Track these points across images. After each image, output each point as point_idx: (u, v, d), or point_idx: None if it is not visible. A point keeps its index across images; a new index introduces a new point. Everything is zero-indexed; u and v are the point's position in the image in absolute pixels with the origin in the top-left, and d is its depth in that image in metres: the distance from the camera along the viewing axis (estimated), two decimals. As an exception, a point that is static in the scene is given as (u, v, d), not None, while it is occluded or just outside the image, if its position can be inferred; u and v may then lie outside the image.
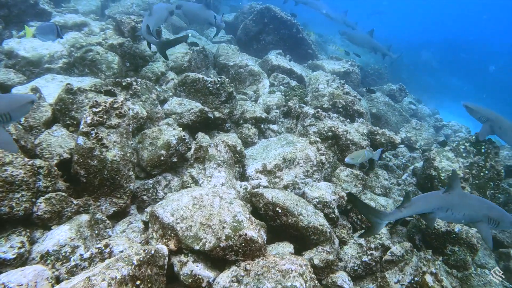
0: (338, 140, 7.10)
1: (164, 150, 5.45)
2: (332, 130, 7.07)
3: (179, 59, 8.60)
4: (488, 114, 7.36)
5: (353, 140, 7.20)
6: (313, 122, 7.39)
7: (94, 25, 9.18)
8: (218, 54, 10.39)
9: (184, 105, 7.20)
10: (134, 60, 8.19)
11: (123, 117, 5.28)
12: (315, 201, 5.59)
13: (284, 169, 6.01)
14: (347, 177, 6.42)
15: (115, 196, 4.87)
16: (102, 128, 4.98)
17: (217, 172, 5.25)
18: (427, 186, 7.59)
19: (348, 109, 8.26)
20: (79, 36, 7.87)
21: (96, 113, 4.95)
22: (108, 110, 5.15)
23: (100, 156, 4.72)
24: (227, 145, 5.66)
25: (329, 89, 8.67)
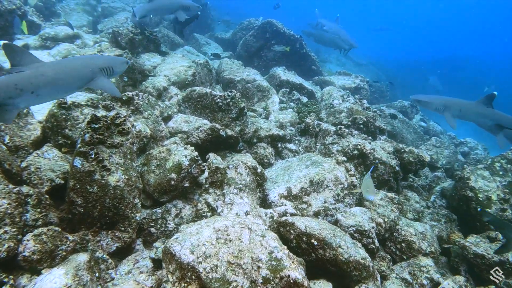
0: (365, 159, 6.53)
1: (174, 173, 4.79)
2: (358, 148, 6.51)
3: (182, 73, 8.06)
4: (443, 102, 7.29)
5: (381, 159, 6.64)
6: (335, 140, 6.82)
7: (87, 38, 8.64)
8: (221, 69, 9.91)
9: (191, 122, 6.60)
10: (132, 74, 7.62)
11: (127, 134, 4.64)
12: (351, 230, 4.94)
13: (311, 193, 5.37)
14: (381, 200, 5.80)
15: (119, 229, 4.14)
16: (102, 147, 4.32)
17: (238, 198, 4.58)
18: (463, 209, 7.01)
19: (369, 126, 7.74)
20: (72, 47, 7.31)
21: (95, 129, 4.30)
22: (109, 126, 4.51)
23: (101, 181, 4.04)
24: (247, 166, 5.02)
25: (347, 104, 8.19)
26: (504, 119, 7.33)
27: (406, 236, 5.50)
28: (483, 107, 7.15)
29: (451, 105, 7.24)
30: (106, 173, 4.13)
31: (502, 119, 7.28)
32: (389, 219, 5.45)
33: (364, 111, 7.95)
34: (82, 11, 13.00)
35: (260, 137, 6.77)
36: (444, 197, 7.91)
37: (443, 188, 8.05)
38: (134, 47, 8.30)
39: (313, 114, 7.87)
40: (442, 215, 7.25)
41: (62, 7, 11.93)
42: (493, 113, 7.29)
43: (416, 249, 5.44)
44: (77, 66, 4.49)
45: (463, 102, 7.38)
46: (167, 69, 8.14)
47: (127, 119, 4.79)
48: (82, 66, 4.51)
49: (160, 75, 7.95)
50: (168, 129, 6.44)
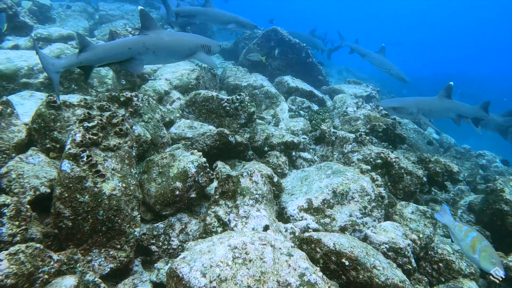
0: (390, 168, 5.97)
1: (179, 181, 4.20)
2: (382, 157, 5.96)
3: (184, 77, 7.56)
4: (414, 104, 7.04)
5: (407, 169, 6.09)
6: (355, 148, 6.28)
7: (83, 41, 8.15)
8: (225, 76, 9.43)
9: (195, 128, 6.05)
10: (131, 77, 7.11)
11: (125, 136, 4.09)
12: (384, 247, 4.34)
13: (335, 206, 4.78)
14: (412, 214, 5.21)
15: (114, 247, 3.53)
16: (96, 150, 3.76)
17: (255, 211, 3.99)
18: (497, 225, 6.42)
19: (389, 133, 7.22)
20: (66, 47, 6.82)
21: (88, 129, 3.74)
22: (104, 126, 3.97)
23: (94, 189, 3.45)
24: (263, 174, 4.44)
25: (363, 111, 7.69)
26: (464, 109, 7.32)
27: (444, 255, 4.90)
28: (445, 100, 7.06)
29: (423, 106, 7.02)
30: (100, 179, 3.55)
31: (462, 109, 7.27)
32: (424, 235, 4.86)
33: (382, 118, 7.44)
34: (79, 17, 12.65)
35: (272, 144, 6.22)
36: (472, 212, 7.35)
37: (471, 202, 7.47)
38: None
39: (329, 121, 7.35)
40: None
41: (58, 13, 11.55)
42: (454, 105, 7.26)
43: (456, 270, 4.83)
44: (185, 39, 5.59)
45: (428, 99, 7.28)
46: (169, 73, 7.65)
47: (126, 119, 4.25)
48: (189, 40, 5.58)
49: (161, 79, 7.45)
50: (170, 135, 5.88)
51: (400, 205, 5.38)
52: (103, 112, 4.13)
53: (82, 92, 6.11)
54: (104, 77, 6.34)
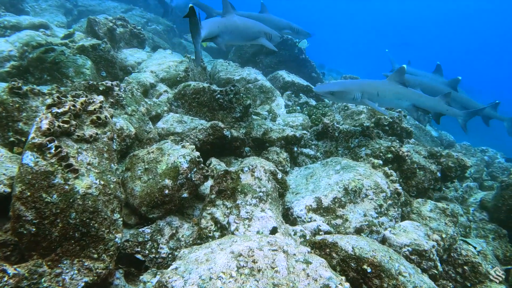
0: (401, 163, 5.50)
1: (169, 179, 3.63)
2: (392, 151, 5.48)
3: (172, 69, 6.99)
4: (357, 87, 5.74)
5: (420, 164, 5.64)
6: (362, 142, 5.80)
7: (58, 31, 7.53)
8: (216, 71, 8.89)
9: (185, 122, 5.49)
10: (112, 69, 6.51)
11: (103, 126, 3.51)
12: (406, 250, 3.84)
13: (347, 205, 4.26)
14: (431, 212, 4.73)
15: (90, 257, 2.93)
16: (68, 140, 3.17)
17: (259, 211, 3.44)
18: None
19: (395, 127, 6.77)
20: (36, 34, 6.18)
21: (58, 115, 3.15)
22: (78, 113, 3.38)
23: (64, 187, 2.86)
24: (266, 170, 3.91)
25: (366, 104, 7.21)
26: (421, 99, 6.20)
27: (469, 257, 4.44)
28: (396, 86, 5.98)
29: (368, 90, 5.76)
30: (72, 175, 2.96)
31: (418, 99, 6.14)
32: (447, 236, 4.38)
33: (387, 111, 7.00)
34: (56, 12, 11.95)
35: (271, 140, 5.68)
36: (484, 209, 6.96)
37: (483, 199, 7.08)
38: (114, 40, 7.23)
39: (331, 114, 6.86)
40: (489, 230, 6.24)
41: (32, 6, 10.86)
42: (408, 92, 6.09)
43: (483, 273, 4.37)
44: (253, 25, 6.12)
45: (376, 83, 6.08)
46: (154, 65, 7.07)
47: (105, 106, 3.67)
48: (255, 25, 6.14)
49: (146, 71, 6.86)
50: (157, 131, 5.30)
51: (417, 203, 4.90)
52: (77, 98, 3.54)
53: (56, 83, 5.48)
54: (81, 67, 5.73)
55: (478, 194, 7.95)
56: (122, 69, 6.89)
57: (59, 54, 5.59)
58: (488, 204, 6.92)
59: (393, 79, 5.95)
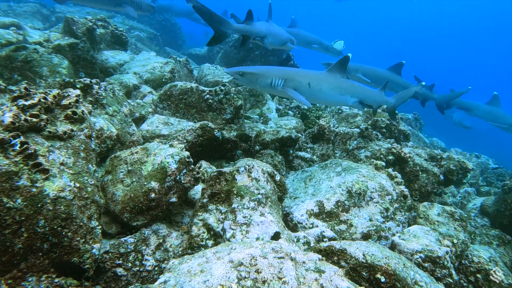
0: (403, 165, 5.24)
1: (155, 181, 3.24)
2: (394, 153, 5.22)
3: (157, 70, 6.62)
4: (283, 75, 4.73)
5: (423, 166, 5.38)
6: (361, 144, 5.52)
7: (32, 33, 7.09)
8: (202, 74, 8.55)
9: (172, 124, 5.13)
10: (91, 70, 6.10)
11: (80, 122, 3.13)
12: (418, 257, 3.53)
13: (351, 209, 3.93)
14: (439, 216, 4.44)
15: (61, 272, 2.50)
16: (37, 137, 2.77)
17: (257, 216, 3.07)
18: (519, 226, 5.80)
19: (392, 130, 6.54)
20: (6, 32, 5.74)
21: (25, 108, 2.76)
22: (50, 107, 2.99)
23: (31, 190, 2.45)
24: (264, 170, 3.56)
25: (361, 106, 6.98)
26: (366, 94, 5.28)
27: (482, 264, 4.15)
28: (336, 77, 4.96)
29: (295, 78, 4.74)
30: (41, 176, 2.55)
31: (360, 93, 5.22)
32: (459, 241, 4.08)
33: (384, 114, 6.78)
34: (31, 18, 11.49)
35: (264, 142, 5.35)
36: (486, 215, 6.72)
37: (483, 204, 6.85)
38: (94, 41, 6.84)
39: (327, 116, 6.59)
40: (492, 236, 5.99)
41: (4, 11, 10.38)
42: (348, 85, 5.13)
43: (497, 282, 4.08)
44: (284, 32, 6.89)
45: (309, 73, 5.00)
46: (138, 66, 6.70)
47: (81, 101, 3.28)
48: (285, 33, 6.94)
49: (129, 73, 6.48)
50: (141, 133, 4.92)
51: (423, 207, 4.61)
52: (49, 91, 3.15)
53: (29, 83, 5.04)
54: (56, 66, 5.32)
55: (477, 199, 7.75)
56: (102, 71, 6.49)
57: (31, 52, 5.17)
58: (489, 209, 6.70)
59: (335, 71, 4.88)
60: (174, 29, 18.90)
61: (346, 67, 5.05)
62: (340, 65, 4.90)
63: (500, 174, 10.00)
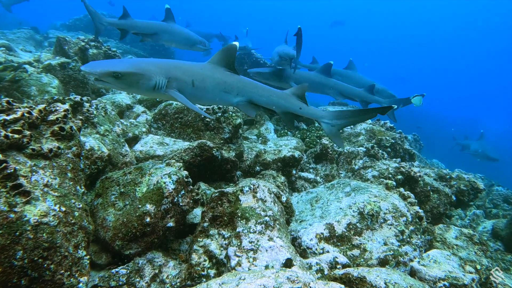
0: (414, 185, 4.99)
1: (151, 203, 2.94)
2: (403, 172, 4.99)
3: (151, 90, 6.39)
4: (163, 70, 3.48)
5: (433, 186, 5.14)
6: (368, 164, 5.29)
7: (23, 54, 6.89)
8: (198, 96, 8.36)
9: (167, 144, 4.86)
10: (83, 90, 5.89)
11: (68, 139, 2.86)
12: (442, 286, 3.23)
13: (364, 232, 3.65)
14: (457, 240, 4.17)
15: (41, 313, 2.17)
16: (18, 155, 2.49)
17: (265, 240, 2.78)
18: (536, 250, 5.53)
19: (397, 149, 6.34)
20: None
21: (7, 124, 2.49)
22: (35, 123, 2.73)
23: (8, 216, 2.15)
24: (270, 190, 3.28)
25: (364, 125, 6.82)
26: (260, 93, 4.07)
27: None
28: (223, 72, 3.92)
29: (179, 76, 3.55)
30: (21, 199, 2.25)
31: (255, 93, 4.10)
32: (482, 267, 3.79)
33: (388, 132, 6.60)
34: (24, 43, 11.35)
35: (266, 162, 5.09)
36: (498, 238, 6.43)
37: (495, 227, 6.58)
38: (86, 61, 6.65)
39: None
40: (509, 261, 5.69)
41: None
42: (240, 82, 3.91)
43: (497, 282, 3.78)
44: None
45: (193, 66, 3.86)
46: (131, 86, 6.48)
47: (69, 116, 3.02)
48: None
49: (122, 93, 6.25)
50: (135, 154, 4.64)
51: (439, 229, 4.33)
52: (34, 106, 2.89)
53: (16, 102, 4.79)
54: (46, 85, 5.08)
55: (487, 222, 7.49)
56: (94, 91, 6.27)
57: (20, 71, 4.94)
58: (501, 232, 6.42)
59: (218, 62, 3.91)
60: (167, 53, 18.96)
61: (233, 57, 3.93)
62: (225, 55, 3.91)
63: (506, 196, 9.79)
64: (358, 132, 6.79)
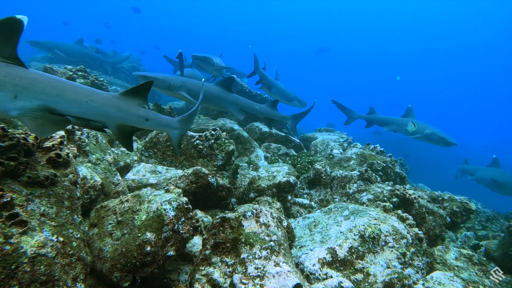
0: (409, 208, 5.02)
1: (151, 232, 2.85)
2: (398, 194, 5.02)
3: (141, 118, 6.35)
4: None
5: (428, 208, 5.18)
6: (362, 187, 5.31)
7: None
8: (186, 124, 8.35)
9: (160, 173, 4.79)
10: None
11: (65, 167, 2.79)
12: (449, 308, 3.17)
13: (366, 255, 3.61)
14: (457, 261, 4.16)
15: None
16: (13, 184, 2.41)
17: (272, 266, 2.71)
18: (534, 270, 5.56)
19: (388, 172, 6.41)
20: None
21: (1, 150, 2.42)
22: (30, 150, 2.65)
23: (4, 248, 2.05)
24: (273, 215, 3.24)
25: (354, 150, 6.90)
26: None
27: (512, 314, 3.82)
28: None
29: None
30: (17, 230, 2.15)
31: None
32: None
33: (379, 156, 6.68)
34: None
35: (260, 189, 5.05)
36: (491, 259, 6.46)
37: (487, 248, 6.63)
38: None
39: (322, 159, 6.41)
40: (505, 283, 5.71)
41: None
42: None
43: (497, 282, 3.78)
44: None
45: None
46: (120, 115, 6.42)
47: (65, 143, 2.96)
48: None
49: (111, 122, 6.17)
50: (127, 183, 4.53)
51: (438, 251, 4.33)
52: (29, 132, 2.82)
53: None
54: (34, 114, 4.98)
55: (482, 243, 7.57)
56: (82, 121, 6.16)
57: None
58: (494, 253, 6.47)
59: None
60: (152, 91, 19.02)
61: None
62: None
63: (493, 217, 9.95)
64: (349, 157, 6.85)
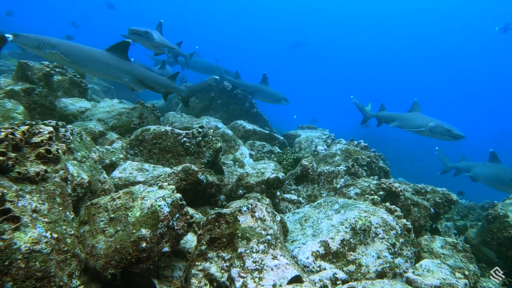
0: (395, 200, 5.15)
1: (146, 228, 2.81)
2: (384, 188, 5.15)
3: (124, 116, 6.26)
4: None
5: (413, 200, 5.33)
6: (349, 182, 5.41)
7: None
8: (169, 122, 8.28)
9: (147, 171, 4.73)
10: (50, 116, 5.64)
11: (55, 163, 2.73)
12: (439, 295, 3.28)
13: (358, 247, 3.68)
14: (443, 249, 4.31)
15: None
16: (3, 180, 2.33)
17: (270, 259, 2.73)
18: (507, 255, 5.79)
19: (373, 167, 6.55)
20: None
21: (-9, 145, 2.34)
22: (18, 145, 2.58)
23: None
24: (268, 209, 3.26)
25: (339, 146, 7.00)
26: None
27: (495, 297, 3.98)
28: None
29: None
30: (9, 225, 2.09)
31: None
32: (470, 273, 3.93)
33: (363, 151, 6.80)
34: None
35: (249, 185, 5.06)
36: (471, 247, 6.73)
37: (467, 236, 6.88)
38: (51, 87, 6.40)
39: (309, 156, 6.48)
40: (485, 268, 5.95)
41: None
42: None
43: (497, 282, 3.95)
44: None
45: None
46: (102, 113, 6.30)
47: (54, 139, 2.89)
48: None
49: (93, 120, 6.05)
50: (113, 181, 4.45)
51: (425, 240, 4.47)
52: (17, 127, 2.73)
53: None
54: (10, 111, 4.83)
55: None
56: (62, 119, 6.01)
57: (-18, 97, 4.67)
58: (473, 241, 6.72)
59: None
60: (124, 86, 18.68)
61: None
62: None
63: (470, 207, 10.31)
64: (333, 153, 6.95)
